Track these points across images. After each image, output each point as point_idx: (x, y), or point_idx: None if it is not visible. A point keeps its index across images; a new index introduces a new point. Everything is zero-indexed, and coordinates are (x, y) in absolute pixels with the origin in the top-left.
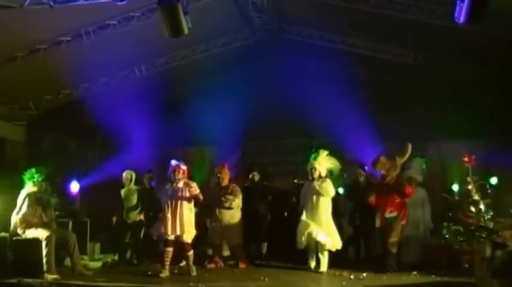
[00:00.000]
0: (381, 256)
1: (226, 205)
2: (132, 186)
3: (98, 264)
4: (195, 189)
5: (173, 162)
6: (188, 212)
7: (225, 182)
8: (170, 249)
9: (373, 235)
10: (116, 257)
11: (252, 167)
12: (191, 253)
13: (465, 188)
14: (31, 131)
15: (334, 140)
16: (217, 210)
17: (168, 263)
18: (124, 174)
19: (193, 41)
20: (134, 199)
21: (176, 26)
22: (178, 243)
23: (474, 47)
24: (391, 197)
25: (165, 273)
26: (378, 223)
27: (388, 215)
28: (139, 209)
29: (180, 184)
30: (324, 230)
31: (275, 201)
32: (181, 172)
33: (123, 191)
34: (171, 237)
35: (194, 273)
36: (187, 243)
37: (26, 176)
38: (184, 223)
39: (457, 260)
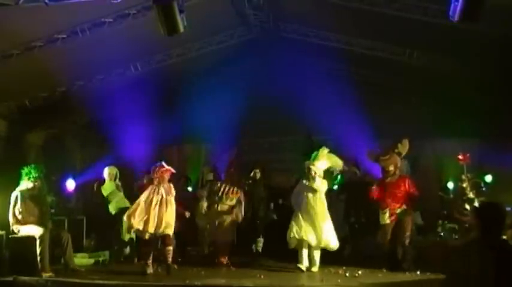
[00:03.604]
0: (391, 254)
1: (227, 201)
2: (117, 182)
3: (91, 261)
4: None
5: (157, 163)
6: (170, 208)
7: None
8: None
9: (371, 232)
10: (107, 256)
11: (254, 164)
12: (171, 248)
13: (460, 186)
14: (27, 128)
15: (330, 137)
16: (216, 205)
17: (150, 260)
18: (109, 170)
19: (189, 38)
20: (120, 193)
21: (172, 25)
22: (160, 238)
23: (470, 45)
24: (394, 193)
25: (150, 270)
26: (385, 220)
27: (398, 210)
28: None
29: (164, 184)
30: (328, 229)
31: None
32: (163, 171)
33: (108, 186)
34: (149, 236)
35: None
36: (168, 236)
37: (23, 173)
38: (164, 219)
39: None
